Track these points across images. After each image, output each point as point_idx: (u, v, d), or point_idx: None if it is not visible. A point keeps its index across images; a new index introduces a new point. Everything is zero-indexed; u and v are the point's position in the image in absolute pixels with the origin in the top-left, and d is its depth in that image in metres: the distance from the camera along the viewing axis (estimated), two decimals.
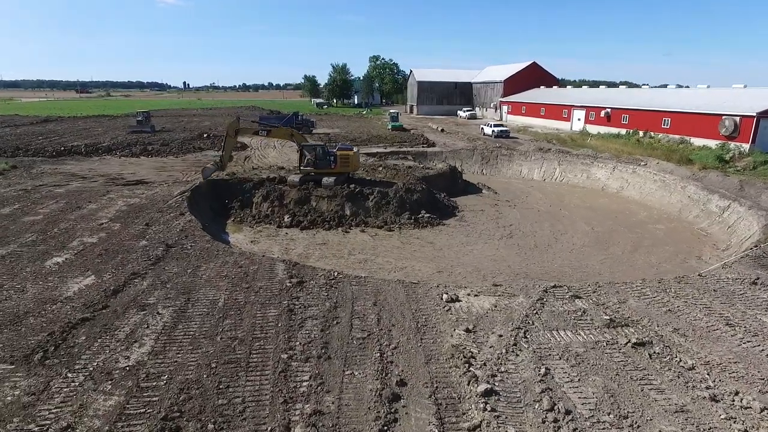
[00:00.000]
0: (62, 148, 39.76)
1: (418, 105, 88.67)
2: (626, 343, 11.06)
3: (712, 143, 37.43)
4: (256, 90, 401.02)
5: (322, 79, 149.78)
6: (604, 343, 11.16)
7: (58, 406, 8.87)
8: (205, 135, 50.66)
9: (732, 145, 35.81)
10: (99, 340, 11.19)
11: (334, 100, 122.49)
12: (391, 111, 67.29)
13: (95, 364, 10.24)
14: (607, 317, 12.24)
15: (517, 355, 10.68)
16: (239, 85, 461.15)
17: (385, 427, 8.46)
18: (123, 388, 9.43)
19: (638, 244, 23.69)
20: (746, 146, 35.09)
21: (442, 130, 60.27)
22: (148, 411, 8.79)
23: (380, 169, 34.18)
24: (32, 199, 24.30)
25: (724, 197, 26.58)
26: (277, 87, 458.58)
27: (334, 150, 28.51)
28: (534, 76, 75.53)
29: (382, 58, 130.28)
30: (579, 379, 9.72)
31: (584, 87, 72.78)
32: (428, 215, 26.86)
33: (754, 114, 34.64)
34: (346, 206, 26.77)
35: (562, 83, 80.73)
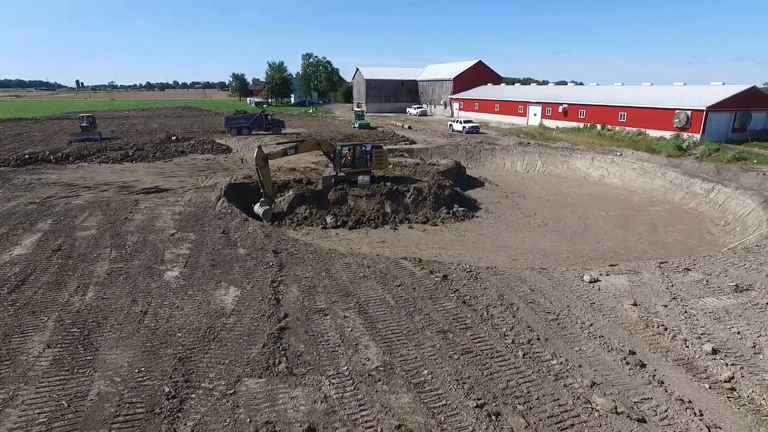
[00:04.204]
0: (26, 156, 35.49)
1: (367, 103, 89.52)
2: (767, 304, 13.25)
3: (667, 134, 42.81)
4: (162, 89, 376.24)
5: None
6: (751, 305, 13.27)
7: (362, 408, 8.99)
8: (173, 138, 47.55)
9: (685, 135, 41.30)
10: (319, 346, 11.17)
11: (273, 99, 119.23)
12: (356, 109, 67.65)
13: (344, 368, 10.31)
14: (733, 283, 14.43)
15: (698, 320, 12.41)
16: (142, 84, 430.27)
17: (660, 386, 9.68)
18: (400, 386, 9.70)
19: (654, 224, 26.91)
20: (697, 136, 40.68)
21: (409, 127, 61.88)
22: (457, 403, 9.21)
23: (390, 167, 34.82)
24: (56, 212, 21.98)
25: (706, 180, 30.91)
26: (184, 86, 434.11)
27: (369, 148, 28.75)
28: (480, 74, 79.81)
29: (315, 56, 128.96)
30: None
31: (533, 84, 78.43)
32: (462, 209, 28.20)
33: (704, 108, 40.30)
34: (386, 204, 27.20)
35: (507, 81, 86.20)
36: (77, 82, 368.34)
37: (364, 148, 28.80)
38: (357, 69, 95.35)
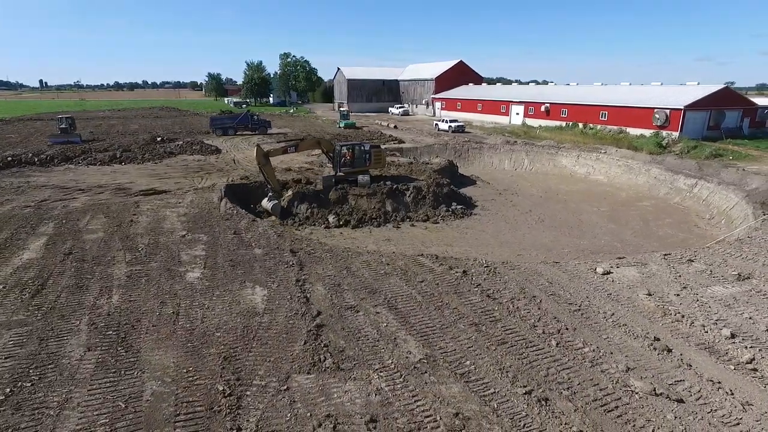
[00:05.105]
0: (9, 159, 34.33)
1: (349, 103, 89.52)
2: None
3: (647, 132, 44.48)
4: (131, 89, 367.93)
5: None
6: (755, 292, 14.14)
7: (416, 399, 9.29)
8: (159, 139, 46.68)
9: (664, 133, 43.01)
10: (359, 341, 11.41)
11: (252, 99, 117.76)
12: (341, 109, 67.64)
13: (388, 361, 10.59)
14: (735, 272, 15.32)
15: (710, 307, 13.18)
16: (110, 84, 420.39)
17: (690, 369, 10.31)
18: (446, 377, 10.04)
19: (644, 219, 28.02)
20: (675, 134, 42.43)
21: (395, 127, 62.29)
22: (505, 390, 9.60)
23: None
24: (56, 216, 21.47)
25: (689, 176, 32.32)
26: (153, 85, 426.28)
27: (368, 148, 28.99)
28: (461, 74, 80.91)
29: (293, 56, 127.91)
30: None
31: (514, 84, 79.95)
32: (461, 207, 28.75)
33: (682, 107, 42.07)
34: (387, 203, 27.53)
35: (490, 81, 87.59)
36: (41, 81, 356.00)
37: (363, 148, 29.03)
38: (338, 69, 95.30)
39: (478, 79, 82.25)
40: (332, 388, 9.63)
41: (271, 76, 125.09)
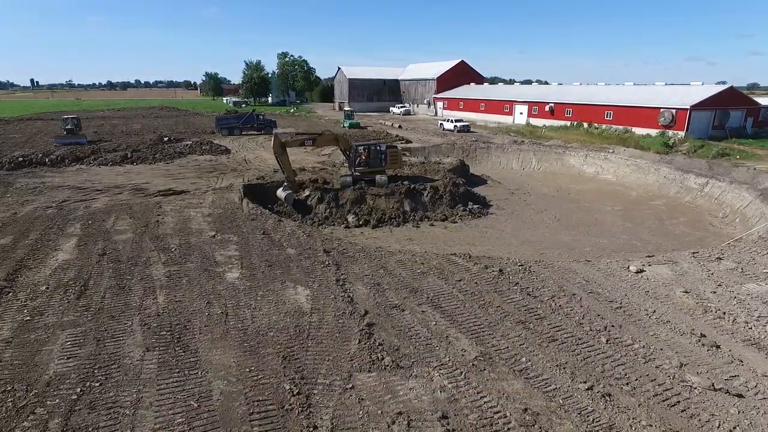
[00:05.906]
0: (20, 159, 34.13)
1: (350, 102, 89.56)
2: None
3: (653, 132, 44.93)
4: (124, 88, 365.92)
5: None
6: None
7: (482, 395, 9.44)
8: (165, 139, 46.55)
9: (670, 133, 43.47)
10: (412, 340, 11.54)
11: (251, 99, 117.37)
12: (346, 109, 67.68)
13: (445, 359, 10.73)
14: (766, 270, 15.60)
15: (749, 304, 13.44)
16: (102, 83, 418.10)
17: (742, 364, 10.54)
18: (506, 373, 10.19)
19: (659, 217, 28.36)
20: (681, 133, 42.91)
21: (399, 126, 62.46)
22: (566, 386, 9.77)
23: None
24: (80, 216, 21.43)
25: (699, 175, 32.73)
26: (146, 84, 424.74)
27: (384, 148, 29.13)
28: (462, 74, 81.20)
29: (291, 55, 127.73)
30: None
31: (516, 84, 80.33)
32: (477, 206, 28.94)
33: (688, 107, 42.55)
34: (405, 203, 27.64)
35: (492, 81, 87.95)
36: (32, 80, 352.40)
37: (379, 148, 29.19)
38: (339, 68, 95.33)
39: (479, 79, 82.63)
40: (396, 385, 9.75)
41: (270, 75, 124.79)
